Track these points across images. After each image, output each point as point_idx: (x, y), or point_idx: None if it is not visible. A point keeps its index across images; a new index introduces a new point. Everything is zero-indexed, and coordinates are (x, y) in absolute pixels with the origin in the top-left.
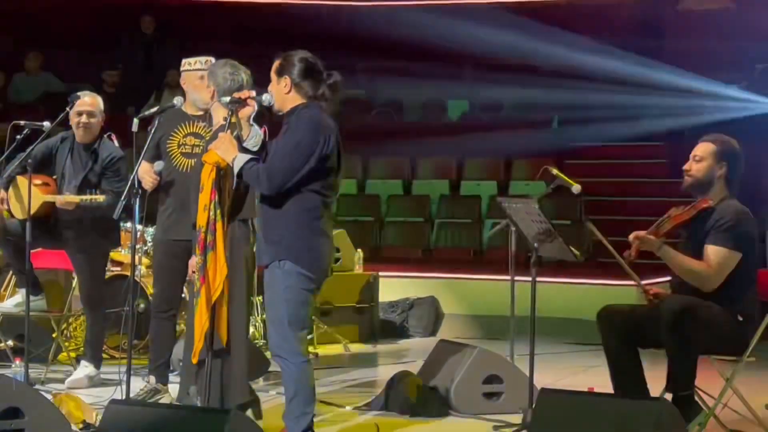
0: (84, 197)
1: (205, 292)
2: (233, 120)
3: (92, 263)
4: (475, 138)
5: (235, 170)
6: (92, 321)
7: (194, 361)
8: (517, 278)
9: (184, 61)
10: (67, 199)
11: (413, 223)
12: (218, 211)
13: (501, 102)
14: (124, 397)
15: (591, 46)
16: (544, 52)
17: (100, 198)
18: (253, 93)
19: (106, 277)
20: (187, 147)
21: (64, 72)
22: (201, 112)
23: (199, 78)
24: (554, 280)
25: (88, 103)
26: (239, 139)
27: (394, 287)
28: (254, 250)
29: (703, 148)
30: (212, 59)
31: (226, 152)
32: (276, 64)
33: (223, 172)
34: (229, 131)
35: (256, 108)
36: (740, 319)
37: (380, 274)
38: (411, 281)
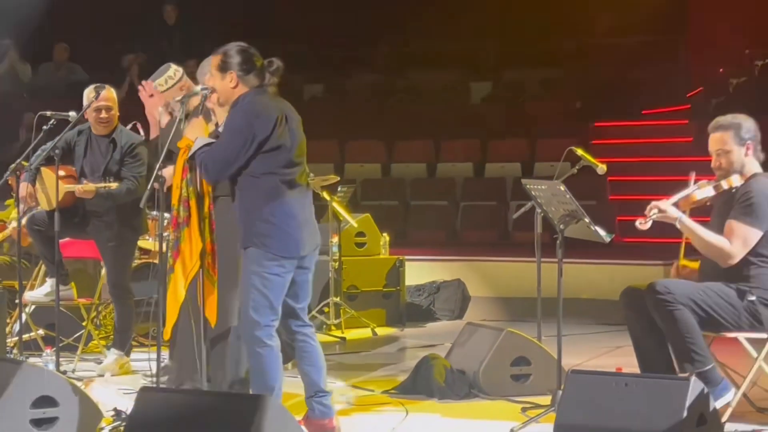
0: (99, 185)
1: (180, 267)
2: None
3: (118, 253)
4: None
5: (190, 152)
6: (120, 309)
7: (166, 337)
8: (543, 260)
9: (158, 82)
10: (85, 188)
11: (438, 207)
12: (190, 189)
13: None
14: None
15: None
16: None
17: (113, 185)
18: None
19: (134, 265)
20: None
21: (89, 62)
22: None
23: (179, 89)
24: (580, 261)
25: (105, 97)
26: (217, 126)
27: (421, 271)
28: None
29: (723, 139)
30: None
31: (191, 134)
32: (216, 60)
33: None
34: (200, 117)
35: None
36: (751, 298)
37: (406, 257)
38: (437, 264)
